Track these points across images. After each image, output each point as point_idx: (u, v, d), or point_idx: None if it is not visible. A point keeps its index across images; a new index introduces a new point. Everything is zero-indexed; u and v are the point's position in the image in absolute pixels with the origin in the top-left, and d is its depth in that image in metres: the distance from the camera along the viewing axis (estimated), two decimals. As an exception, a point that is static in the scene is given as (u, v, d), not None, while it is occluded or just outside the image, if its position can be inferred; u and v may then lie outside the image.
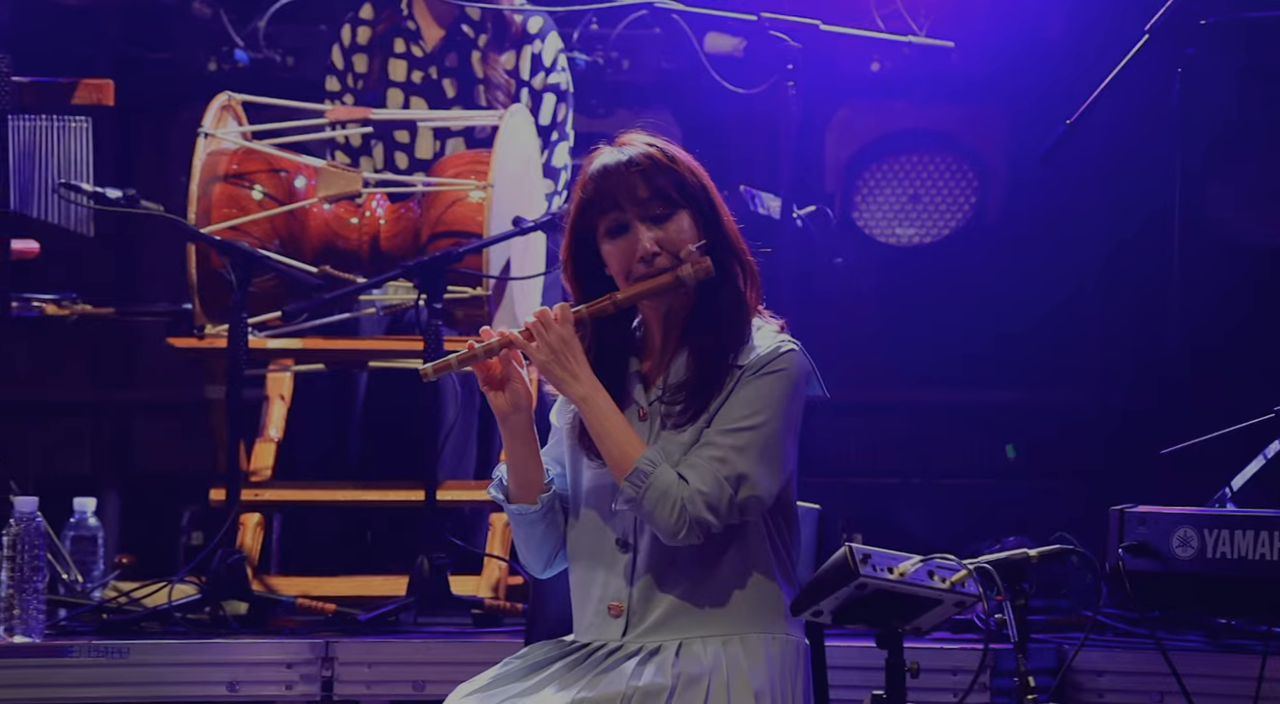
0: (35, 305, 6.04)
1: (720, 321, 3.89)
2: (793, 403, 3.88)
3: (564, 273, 3.96)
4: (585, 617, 3.97)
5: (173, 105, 6.53)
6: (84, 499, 5.61)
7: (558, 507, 3.99)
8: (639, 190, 3.87)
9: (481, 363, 3.86)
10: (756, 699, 3.84)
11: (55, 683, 5.13)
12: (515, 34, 5.88)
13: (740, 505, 3.81)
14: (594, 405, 3.86)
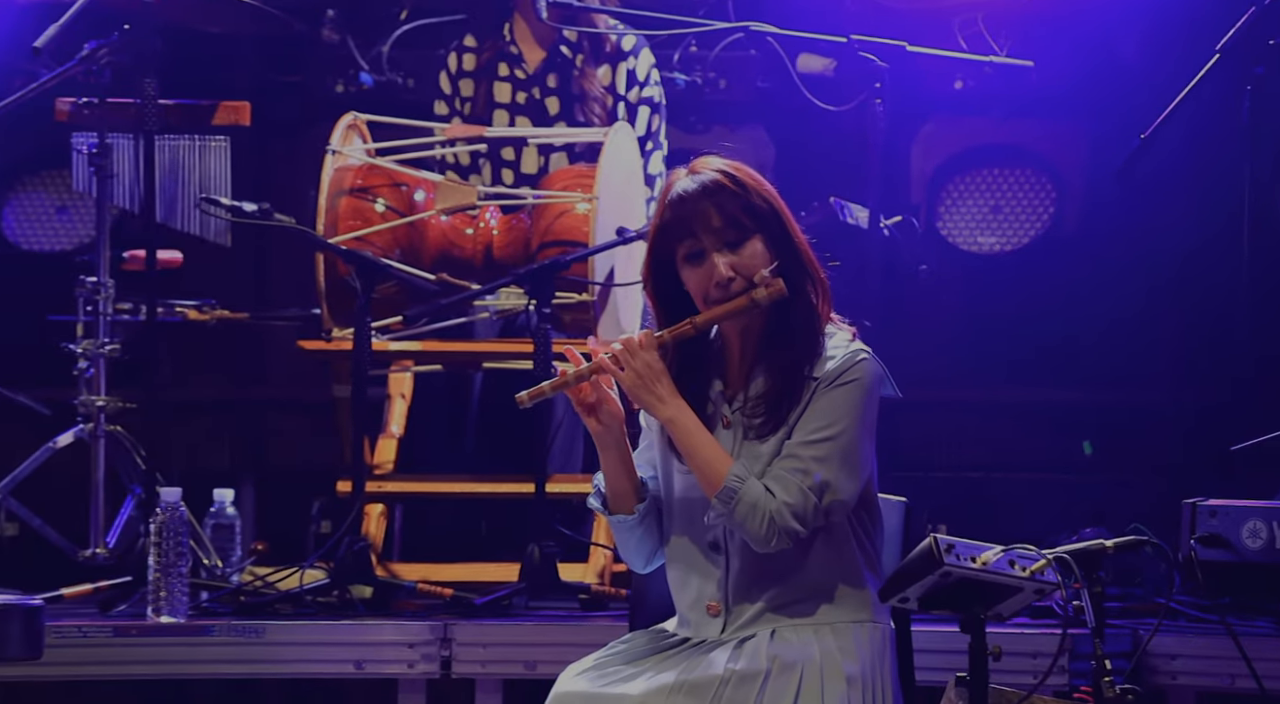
0: (178, 311, 6.09)
1: (794, 336, 3.88)
2: (867, 409, 3.86)
3: (645, 290, 3.96)
4: (684, 613, 3.96)
5: (304, 125, 6.56)
6: (223, 491, 5.68)
7: (655, 511, 3.97)
8: (712, 219, 3.85)
9: (574, 387, 3.84)
10: (849, 684, 3.82)
11: (197, 660, 5.17)
12: (610, 52, 5.87)
13: (825, 510, 3.81)
14: (681, 425, 3.86)
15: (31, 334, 6.19)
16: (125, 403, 5.81)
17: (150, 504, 5.40)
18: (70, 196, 6.78)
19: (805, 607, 3.88)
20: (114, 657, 5.13)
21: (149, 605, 5.22)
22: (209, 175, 6.01)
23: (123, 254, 5.90)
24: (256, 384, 6.91)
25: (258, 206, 5.58)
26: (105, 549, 5.70)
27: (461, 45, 5.96)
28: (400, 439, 5.79)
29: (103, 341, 5.77)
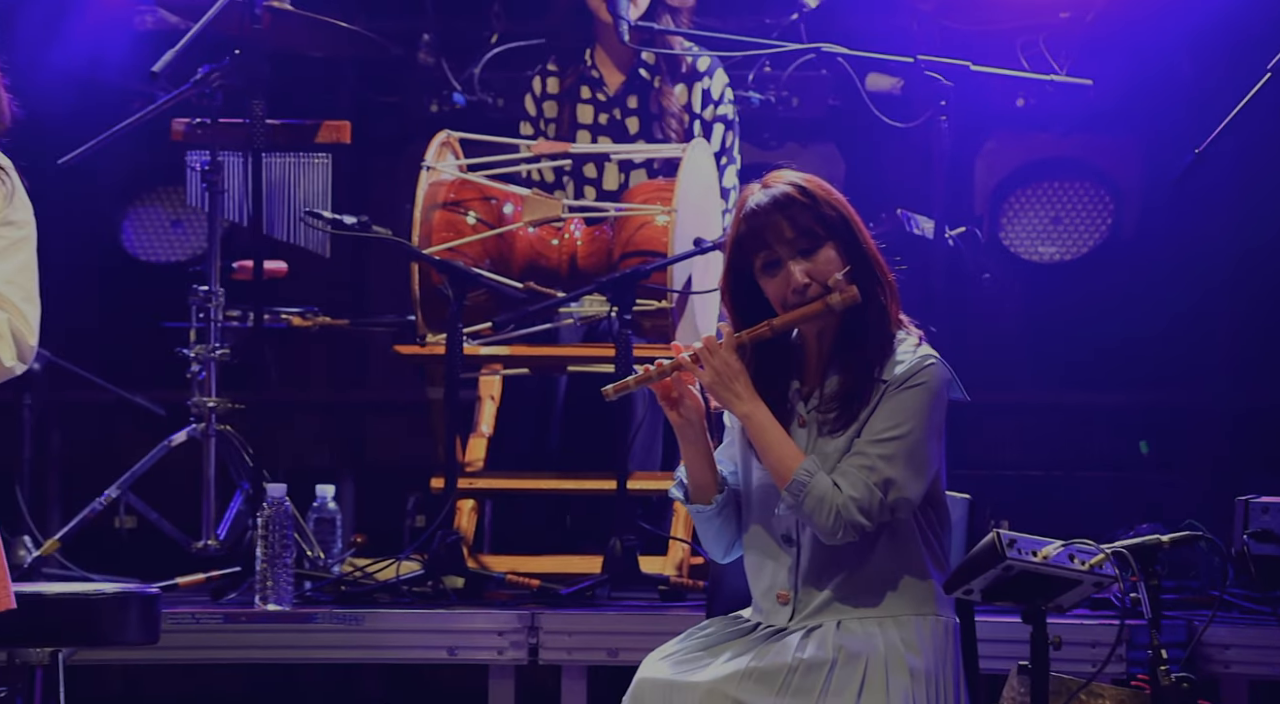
0: (283, 317, 6.11)
1: (867, 338, 3.87)
2: (934, 411, 3.85)
3: (723, 299, 3.96)
4: (758, 601, 3.97)
5: (400, 142, 6.58)
6: (324, 486, 5.68)
7: (733, 503, 3.98)
8: (785, 230, 3.86)
9: (657, 384, 3.87)
10: (912, 677, 3.81)
11: (302, 645, 5.17)
12: (686, 73, 5.86)
13: (890, 507, 3.80)
14: (755, 421, 3.87)
15: (148, 340, 6.21)
16: (234, 404, 5.85)
17: (258, 499, 5.42)
18: (184, 211, 6.81)
19: (871, 599, 3.87)
20: (224, 642, 5.15)
21: (256, 594, 5.22)
22: (312, 190, 6.02)
23: (232, 264, 5.91)
24: (356, 387, 6.93)
25: (357, 219, 5.60)
26: (216, 541, 5.76)
27: (545, 69, 5.95)
28: (490, 438, 5.78)
29: (214, 346, 5.82)
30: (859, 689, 3.79)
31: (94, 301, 6.62)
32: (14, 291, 3.72)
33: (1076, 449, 6.50)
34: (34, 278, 3.76)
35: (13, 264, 3.73)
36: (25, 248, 3.76)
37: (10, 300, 3.71)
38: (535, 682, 5.15)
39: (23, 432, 6.22)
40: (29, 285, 3.75)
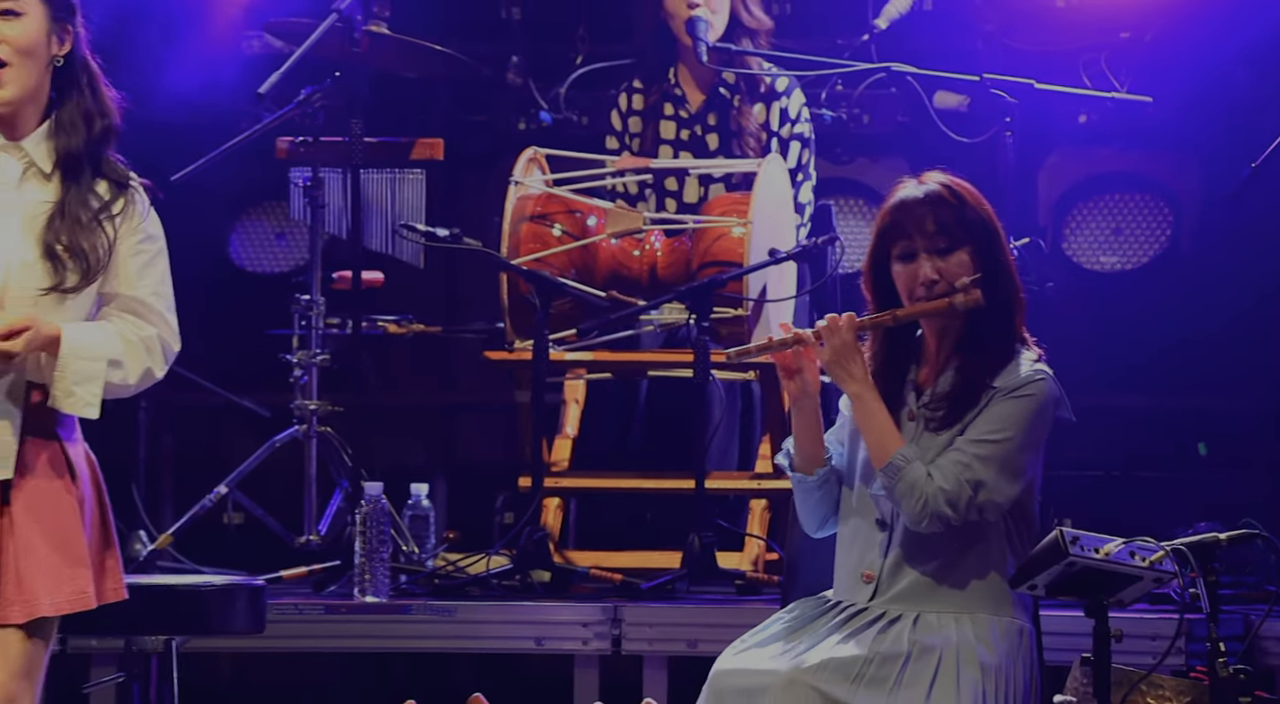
0: (380, 325, 6.13)
1: (988, 344, 3.85)
2: (1037, 423, 3.83)
3: (864, 282, 3.97)
4: (843, 579, 3.98)
5: (490, 159, 6.59)
6: (419, 485, 5.70)
7: (834, 481, 3.97)
8: (927, 224, 3.86)
9: (777, 354, 3.86)
10: (983, 672, 3.80)
11: (397, 635, 5.19)
12: (765, 92, 5.84)
13: (978, 506, 3.79)
14: (864, 401, 3.87)
15: (254, 346, 6.20)
16: (334, 406, 5.87)
17: (356, 497, 5.43)
18: (287, 224, 6.82)
19: (950, 594, 3.86)
20: (325, 631, 5.18)
21: (355, 586, 5.25)
22: (407, 204, 6.06)
23: (332, 275, 5.92)
24: (448, 390, 6.94)
25: (449, 232, 5.61)
26: (317, 536, 5.78)
27: (631, 87, 5.95)
28: (575, 439, 5.77)
29: (315, 352, 5.85)
30: (931, 682, 3.78)
31: (203, 310, 6.65)
32: (159, 302, 3.74)
33: (1137, 450, 6.45)
34: (171, 287, 3.78)
35: (155, 275, 3.74)
36: (163, 259, 3.77)
37: (157, 311, 3.73)
38: (618, 671, 5.11)
39: (138, 433, 6.28)
40: (169, 295, 3.77)
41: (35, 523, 3.65)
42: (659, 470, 5.64)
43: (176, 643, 4.53)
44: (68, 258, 3.65)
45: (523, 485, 5.53)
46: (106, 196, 3.70)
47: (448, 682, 5.33)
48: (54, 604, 3.62)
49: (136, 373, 3.70)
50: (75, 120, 3.71)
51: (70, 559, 3.65)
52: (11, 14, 3.66)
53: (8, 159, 3.70)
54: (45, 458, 3.67)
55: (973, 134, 5.78)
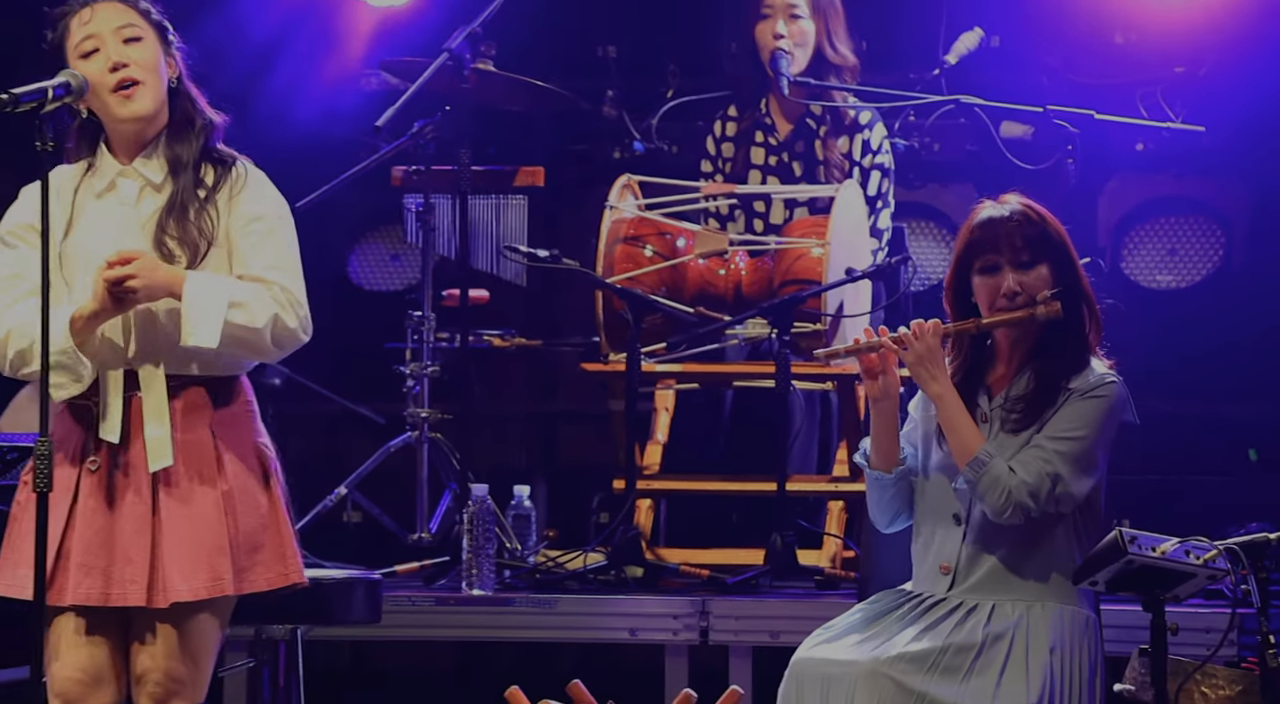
0: (485, 338, 6.15)
1: (1065, 353, 3.85)
2: (1108, 423, 3.84)
3: (945, 294, 3.97)
4: (922, 571, 3.97)
5: (587, 185, 6.60)
6: (521, 487, 5.68)
7: (907, 479, 3.97)
8: (1014, 239, 3.86)
9: (863, 356, 3.87)
10: (1050, 654, 3.79)
11: (502, 626, 5.20)
12: (849, 124, 5.83)
13: (1056, 498, 3.79)
14: (947, 402, 3.87)
15: (371, 358, 6.24)
16: (444, 414, 5.88)
17: (464, 498, 5.43)
18: (401, 246, 6.84)
19: (1022, 585, 3.85)
20: (435, 622, 5.20)
21: (463, 580, 5.26)
22: (510, 228, 6.08)
23: (442, 293, 5.94)
24: (548, 399, 6.94)
25: (549, 253, 5.61)
26: (428, 534, 5.79)
27: (725, 114, 5.95)
28: (665, 445, 5.76)
29: (426, 364, 5.86)
30: (1001, 667, 3.77)
31: (325, 325, 6.70)
32: (277, 274, 3.70)
33: (1192, 455, 6.39)
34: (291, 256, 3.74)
35: (268, 251, 3.71)
36: (276, 234, 3.74)
37: (275, 282, 3.69)
38: (706, 660, 5.10)
39: (266, 437, 6.36)
40: (288, 265, 3.73)
41: (180, 513, 3.66)
42: (743, 474, 5.62)
43: (301, 631, 4.55)
44: (177, 246, 3.67)
45: (617, 487, 5.53)
46: (210, 180, 3.72)
47: (548, 669, 5.34)
48: (191, 589, 3.63)
49: (265, 316, 3.65)
50: (184, 134, 3.75)
51: (209, 548, 3.65)
52: (135, 39, 3.74)
53: (126, 181, 3.75)
54: (195, 451, 3.68)
55: (1037, 161, 5.76)
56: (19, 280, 3.72)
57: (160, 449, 3.66)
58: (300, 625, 4.54)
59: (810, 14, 5.76)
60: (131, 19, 3.76)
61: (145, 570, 3.63)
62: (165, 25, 3.81)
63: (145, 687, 3.68)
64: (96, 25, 3.74)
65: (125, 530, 3.66)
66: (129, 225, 3.72)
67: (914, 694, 3.76)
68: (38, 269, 3.63)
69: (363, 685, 5.59)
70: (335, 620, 4.57)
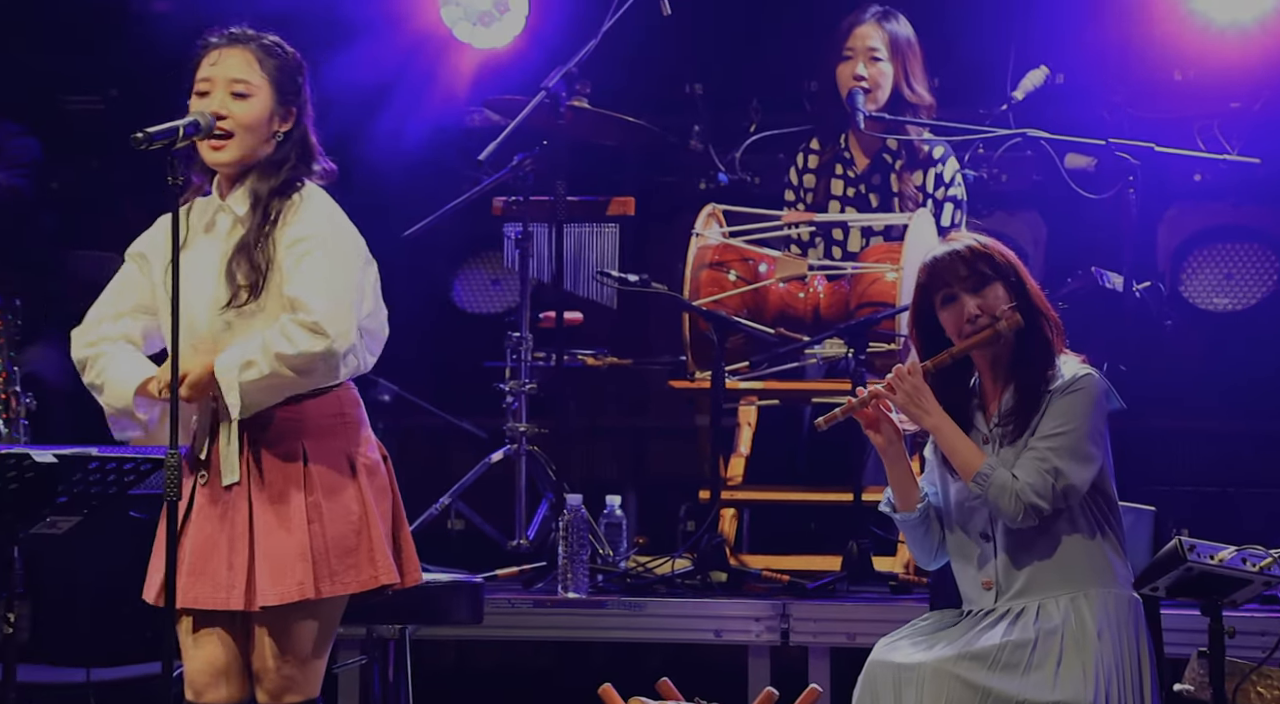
0: (579, 358, 6.16)
1: (1033, 360, 3.88)
2: (1094, 413, 3.86)
3: (910, 335, 4.02)
4: (968, 591, 4.02)
5: (674, 214, 6.62)
6: (613, 497, 5.66)
7: (933, 515, 4.00)
8: (960, 270, 3.91)
9: (859, 411, 3.86)
10: (1099, 640, 3.79)
11: (595, 626, 5.23)
12: (923, 159, 5.82)
13: (1061, 492, 3.82)
14: (943, 431, 3.90)
15: (472, 377, 6.26)
16: (540, 429, 5.90)
17: (559, 507, 5.46)
18: (501, 272, 6.80)
19: (1061, 579, 3.87)
20: (533, 622, 5.23)
21: (559, 584, 5.29)
22: (603, 254, 6.07)
23: (539, 315, 5.98)
24: (638, 414, 6.93)
25: (639, 277, 5.61)
26: (526, 541, 5.80)
27: (808, 148, 5.95)
28: (747, 457, 5.78)
29: (524, 382, 5.87)
30: (1057, 659, 3.78)
31: (430, 346, 6.74)
32: (309, 295, 3.63)
33: (1248, 468, 6.33)
34: (328, 277, 3.65)
35: (305, 271, 3.65)
36: (315, 254, 3.67)
37: (305, 304, 3.63)
38: (786, 660, 5.11)
39: (375, 451, 6.41)
40: (323, 286, 3.63)
41: (269, 522, 3.69)
42: (821, 485, 5.61)
43: (409, 631, 4.61)
44: (244, 281, 3.69)
45: (703, 497, 5.52)
46: (274, 213, 3.73)
47: (638, 668, 5.33)
48: (278, 595, 3.66)
49: (267, 363, 3.61)
50: (269, 174, 3.75)
51: (294, 555, 3.68)
52: (242, 95, 3.75)
53: (222, 216, 3.79)
54: (279, 465, 3.71)
55: (1099, 191, 5.74)
56: (120, 298, 3.82)
57: (229, 466, 3.71)
58: (409, 625, 4.60)
59: (889, 57, 5.76)
60: (248, 75, 3.74)
61: (243, 576, 3.69)
62: (290, 80, 3.77)
63: (262, 683, 3.74)
64: (216, 71, 3.76)
65: (227, 539, 3.72)
66: (214, 259, 3.75)
67: (979, 690, 3.78)
68: (139, 291, 3.78)
69: (466, 682, 5.61)
70: (441, 621, 4.64)
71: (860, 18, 5.78)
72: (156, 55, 6.11)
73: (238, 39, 3.79)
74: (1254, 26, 6.17)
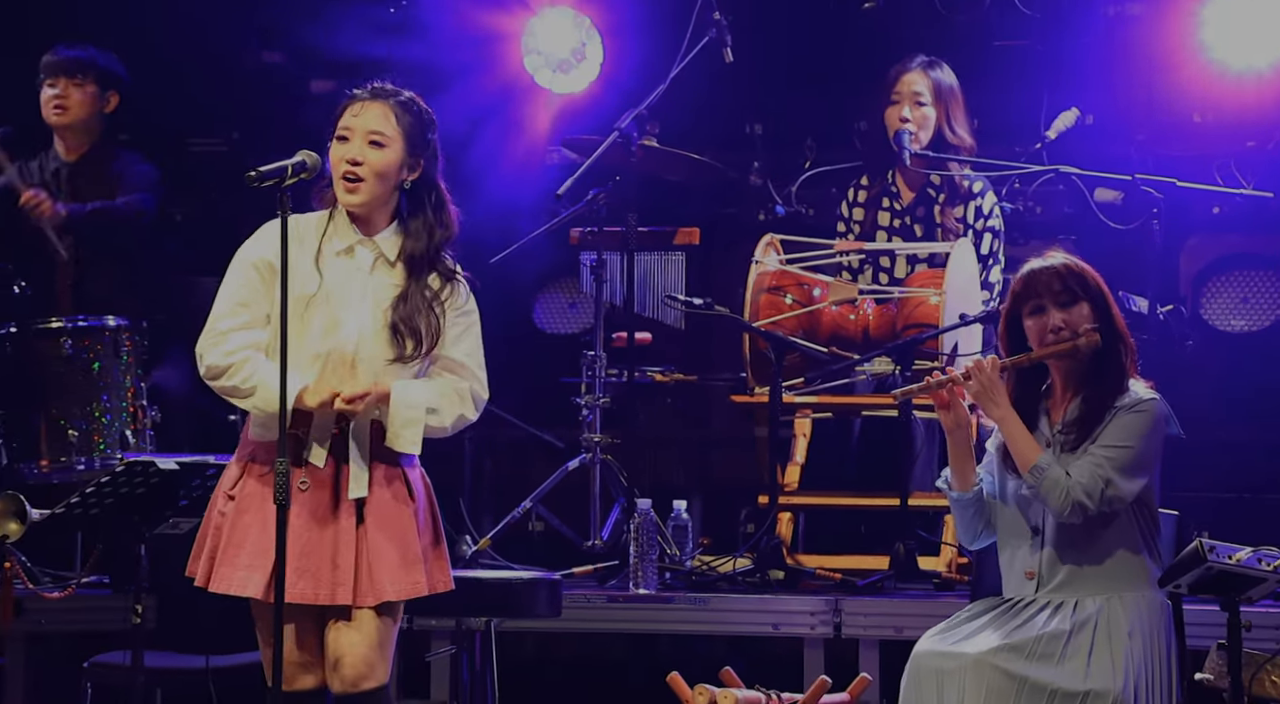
0: (649, 374, 6.14)
1: (1105, 379, 3.87)
2: (1152, 434, 3.85)
3: (999, 337, 4.01)
4: (1011, 579, 4.00)
5: (736, 243, 6.61)
6: (679, 501, 5.66)
7: (983, 500, 4.00)
8: (1053, 285, 3.90)
9: (934, 393, 3.88)
10: (1130, 638, 3.78)
11: (664, 620, 5.25)
12: (963, 193, 5.82)
13: (1108, 499, 3.81)
14: (1009, 423, 3.91)
15: (551, 391, 6.29)
16: (613, 439, 5.91)
17: (630, 510, 5.47)
18: (578, 296, 6.82)
19: (1099, 580, 3.87)
20: (607, 616, 5.24)
21: (630, 581, 5.30)
22: (670, 280, 6.06)
23: (612, 335, 5.98)
24: (702, 426, 6.91)
25: (704, 301, 5.61)
26: (601, 541, 5.80)
27: (858, 183, 5.96)
28: (803, 466, 5.75)
29: (598, 396, 5.88)
30: (1089, 650, 3.78)
31: (512, 363, 6.74)
32: (471, 361, 3.87)
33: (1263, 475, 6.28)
34: (481, 350, 3.90)
35: (469, 341, 3.87)
36: (475, 329, 3.91)
37: (469, 368, 3.85)
38: (839, 651, 5.12)
39: (464, 459, 6.39)
40: (479, 356, 3.89)
41: (382, 531, 3.78)
42: (870, 491, 5.60)
43: (494, 623, 4.65)
44: (407, 333, 3.79)
45: (761, 502, 5.53)
46: (437, 287, 3.83)
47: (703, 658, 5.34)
48: (396, 591, 3.77)
49: (451, 417, 3.82)
50: (420, 231, 3.83)
51: (408, 558, 3.79)
52: (378, 144, 3.83)
53: (363, 250, 3.87)
54: (391, 481, 3.81)
55: (1126, 222, 5.74)
56: (244, 309, 3.83)
57: (359, 483, 3.79)
58: (494, 618, 4.63)
59: (933, 102, 5.76)
60: (384, 127, 3.81)
61: (350, 575, 3.76)
62: (421, 135, 3.84)
63: (340, 671, 3.80)
64: (357, 122, 3.84)
65: (333, 542, 3.79)
66: (366, 297, 3.82)
67: (1016, 679, 3.79)
68: (265, 302, 3.78)
69: (545, 670, 5.63)
70: (523, 614, 4.66)
71: (907, 66, 5.80)
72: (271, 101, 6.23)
73: (379, 94, 3.87)
74: (1268, 72, 6.16)
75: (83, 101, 5.86)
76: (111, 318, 5.55)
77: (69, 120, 5.89)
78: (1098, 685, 3.75)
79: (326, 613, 3.81)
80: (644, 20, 6.45)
